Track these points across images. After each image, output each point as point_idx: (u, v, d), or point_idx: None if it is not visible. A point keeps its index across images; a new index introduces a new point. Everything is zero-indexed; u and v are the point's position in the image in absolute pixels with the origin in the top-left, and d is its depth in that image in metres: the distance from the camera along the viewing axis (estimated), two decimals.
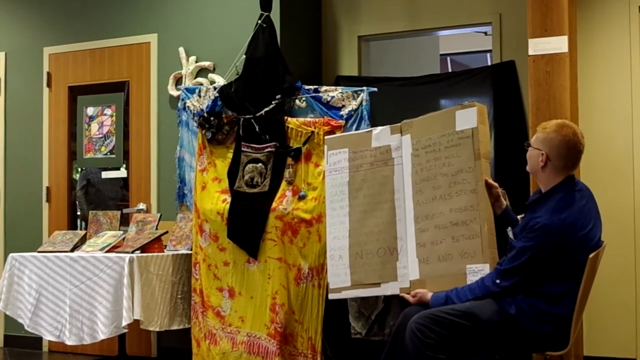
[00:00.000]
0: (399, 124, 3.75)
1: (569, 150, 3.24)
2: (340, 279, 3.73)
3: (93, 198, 5.90)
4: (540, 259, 3.12)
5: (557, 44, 4.51)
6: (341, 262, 3.74)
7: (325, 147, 3.92)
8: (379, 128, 3.85)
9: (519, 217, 3.48)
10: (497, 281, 3.18)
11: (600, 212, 3.36)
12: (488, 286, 3.21)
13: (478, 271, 3.34)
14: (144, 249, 4.58)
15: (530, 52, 4.57)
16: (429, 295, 3.38)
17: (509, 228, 3.38)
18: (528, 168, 3.37)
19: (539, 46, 4.55)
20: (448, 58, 9.97)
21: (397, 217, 3.64)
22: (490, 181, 3.45)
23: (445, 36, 7.07)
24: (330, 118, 4.26)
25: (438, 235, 3.49)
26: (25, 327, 4.76)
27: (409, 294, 3.51)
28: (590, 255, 3.18)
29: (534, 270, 3.14)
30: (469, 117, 3.50)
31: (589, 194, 3.31)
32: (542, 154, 3.25)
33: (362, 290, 3.71)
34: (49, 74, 5.96)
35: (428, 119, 3.68)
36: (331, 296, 3.81)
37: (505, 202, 3.53)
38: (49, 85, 5.96)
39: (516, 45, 4.98)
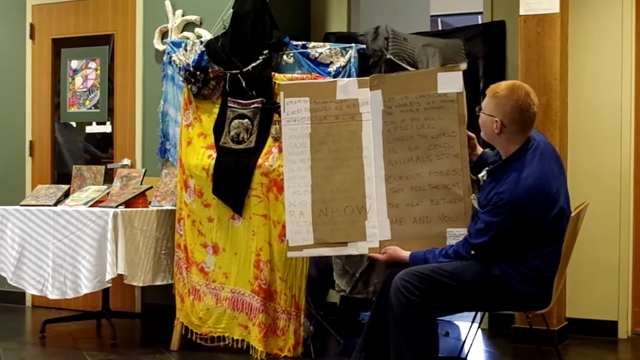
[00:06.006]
0: (367, 78, 3.62)
1: (523, 114, 3.15)
2: (301, 236, 3.58)
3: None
4: (509, 233, 3.11)
5: (549, 4, 4.48)
6: (302, 218, 3.58)
7: (282, 93, 3.73)
8: (345, 79, 3.76)
9: (481, 175, 3.39)
10: (472, 252, 3.18)
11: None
12: (464, 256, 3.20)
13: (459, 235, 3.32)
14: (128, 204, 4.55)
15: (522, 12, 4.54)
16: (403, 253, 3.37)
17: (474, 195, 3.33)
18: (483, 135, 3.29)
19: (530, 6, 4.52)
20: (439, 19, 9.90)
21: (365, 175, 3.54)
22: (469, 133, 3.45)
23: None
24: (317, 74, 4.21)
25: (414, 196, 3.44)
26: (8, 281, 4.74)
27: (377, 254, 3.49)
28: (572, 215, 3.18)
29: (506, 242, 3.13)
30: (454, 80, 3.41)
31: (549, 151, 3.24)
32: (496, 121, 3.16)
33: (327, 249, 3.59)
34: (32, 25, 5.85)
35: (403, 77, 3.58)
36: (290, 254, 3.69)
37: (480, 149, 3.52)
38: (32, 37, 5.86)
39: (507, 5, 4.93)
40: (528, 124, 3.18)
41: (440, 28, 9.80)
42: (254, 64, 4.31)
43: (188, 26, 5.19)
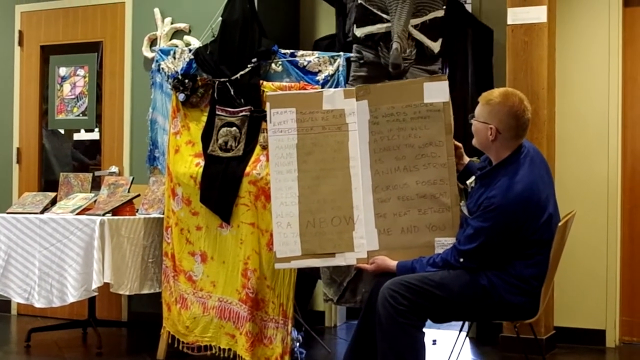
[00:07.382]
0: (353, 88, 3.64)
1: (518, 120, 3.17)
2: (289, 247, 3.56)
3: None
4: (498, 239, 3.11)
5: (536, 14, 4.51)
6: (290, 230, 3.56)
7: (268, 104, 3.72)
8: (331, 90, 3.77)
9: (469, 182, 3.40)
10: (461, 260, 3.17)
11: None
12: (453, 264, 3.19)
13: (447, 244, 3.32)
14: (115, 211, 4.53)
15: (509, 22, 4.57)
16: (391, 263, 3.36)
17: (463, 202, 3.34)
18: (475, 142, 3.29)
19: (518, 15, 4.55)
20: None
21: (352, 185, 3.54)
22: (456, 142, 3.46)
23: None
24: (306, 83, 4.21)
25: (401, 206, 3.44)
26: None
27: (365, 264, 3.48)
28: (560, 224, 3.18)
29: (495, 248, 3.13)
30: (440, 90, 3.43)
31: (539, 158, 3.26)
32: (491, 128, 3.17)
33: (315, 260, 3.57)
34: (20, 32, 5.84)
35: (389, 87, 3.59)
36: (278, 266, 3.67)
37: (466, 158, 3.53)
38: (20, 44, 5.84)
39: (495, 14, 4.95)
40: (523, 129, 3.20)
41: None
42: (242, 72, 4.31)
43: (177, 34, 5.18)
